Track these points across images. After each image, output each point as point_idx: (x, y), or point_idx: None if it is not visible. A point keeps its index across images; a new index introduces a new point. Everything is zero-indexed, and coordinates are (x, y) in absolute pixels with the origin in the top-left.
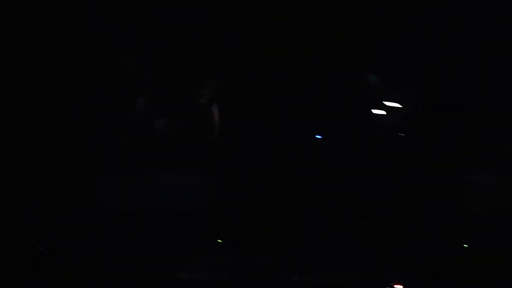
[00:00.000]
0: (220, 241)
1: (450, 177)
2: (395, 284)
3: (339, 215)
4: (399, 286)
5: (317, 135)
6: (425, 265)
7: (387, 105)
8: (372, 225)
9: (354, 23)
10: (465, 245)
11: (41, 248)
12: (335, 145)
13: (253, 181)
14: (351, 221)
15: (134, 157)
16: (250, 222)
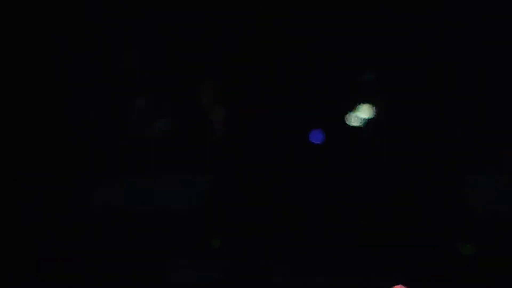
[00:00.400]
0: (220, 241)
1: (450, 177)
2: (395, 285)
3: (339, 215)
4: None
5: (317, 135)
6: (425, 265)
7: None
8: (372, 225)
9: (354, 23)
10: (466, 246)
11: (41, 248)
12: (335, 145)
13: (253, 181)
14: (351, 221)
15: (134, 157)
16: (250, 222)
